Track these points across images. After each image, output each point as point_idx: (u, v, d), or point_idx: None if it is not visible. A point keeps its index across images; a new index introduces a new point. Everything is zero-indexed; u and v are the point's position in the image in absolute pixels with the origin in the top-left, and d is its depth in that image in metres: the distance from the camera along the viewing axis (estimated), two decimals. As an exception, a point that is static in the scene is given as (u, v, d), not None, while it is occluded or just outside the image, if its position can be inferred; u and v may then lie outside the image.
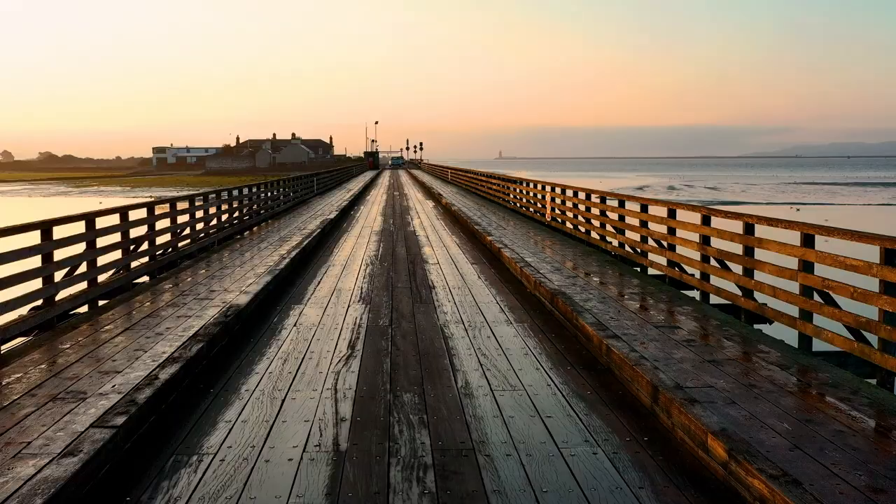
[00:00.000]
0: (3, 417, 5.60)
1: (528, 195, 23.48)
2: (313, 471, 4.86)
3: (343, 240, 18.56)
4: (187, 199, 15.05)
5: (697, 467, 4.98)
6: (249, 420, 5.82)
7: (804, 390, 6.18)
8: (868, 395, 6.09)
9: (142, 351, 7.45)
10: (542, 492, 4.56)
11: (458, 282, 12.17)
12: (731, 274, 9.41)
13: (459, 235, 19.25)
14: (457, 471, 4.86)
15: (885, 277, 6.48)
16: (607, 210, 14.95)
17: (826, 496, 4.15)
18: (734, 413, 5.54)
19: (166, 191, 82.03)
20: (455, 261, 14.61)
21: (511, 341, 8.28)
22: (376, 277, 12.63)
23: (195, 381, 6.84)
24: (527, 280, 11.70)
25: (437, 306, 10.21)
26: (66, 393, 6.19)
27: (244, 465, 4.96)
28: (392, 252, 15.91)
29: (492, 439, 5.40)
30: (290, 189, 29.05)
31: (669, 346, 7.44)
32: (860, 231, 7.11)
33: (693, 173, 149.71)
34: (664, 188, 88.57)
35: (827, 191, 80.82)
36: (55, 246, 8.93)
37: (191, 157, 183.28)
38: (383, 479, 4.75)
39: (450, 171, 57.07)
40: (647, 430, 5.64)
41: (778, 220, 8.64)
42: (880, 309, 6.53)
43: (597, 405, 6.19)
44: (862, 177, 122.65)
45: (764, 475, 4.30)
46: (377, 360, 7.52)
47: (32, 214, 46.94)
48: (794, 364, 6.98)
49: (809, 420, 5.47)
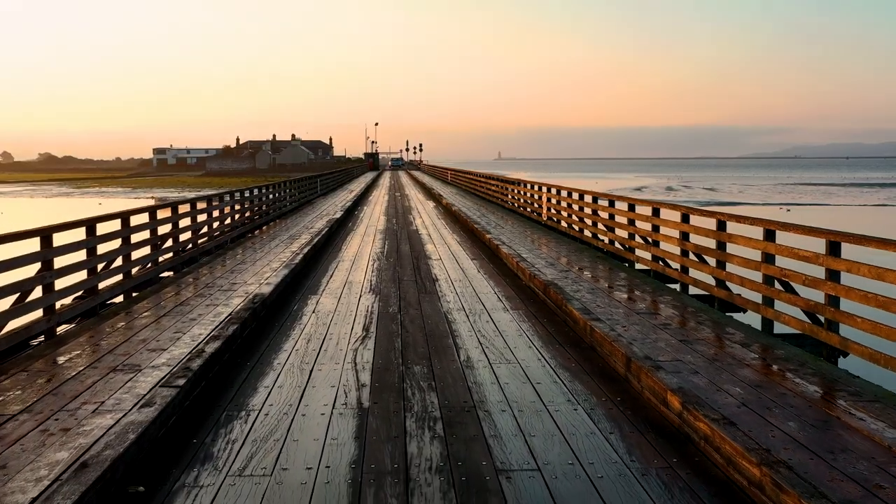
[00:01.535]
0: (75, 385, 6.61)
1: (526, 196, 24.51)
2: (343, 421, 5.90)
3: (350, 238, 19.59)
4: (205, 200, 16.08)
5: (658, 418, 6.01)
6: (284, 385, 6.86)
7: (759, 364, 7.19)
8: (813, 367, 7.10)
9: (181, 333, 8.46)
10: (531, 436, 5.59)
11: (459, 275, 13.20)
12: (706, 266, 10.43)
13: (460, 234, 20.28)
14: (460, 422, 5.89)
15: (829, 266, 7.51)
16: (598, 209, 15.97)
17: (756, 435, 5.18)
18: (696, 380, 6.55)
19: (168, 192, 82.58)
20: (456, 257, 15.64)
21: (507, 325, 9.33)
22: (384, 271, 13.66)
23: (233, 357, 7.88)
24: (522, 273, 12.74)
25: (440, 296, 11.24)
26: (123, 366, 7.20)
27: (285, 417, 6.00)
28: (397, 249, 16.94)
29: (489, 399, 6.43)
30: (296, 190, 30.09)
31: (647, 329, 8.46)
32: (811, 226, 8.15)
33: (692, 174, 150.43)
34: (662, 189, 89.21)
35: (823, 191, 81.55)
36: (99, 241, 9.98)
37: (191, 158, 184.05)
38: (400, 426, 5.79)
39: (449, 173, 58.16)
40: (621, 392, 6.68)
41: (745, 217, 9.67)
42: (826, 293, 7.57)
43: (579, 374, 7.24)
44: (860, 177, 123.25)
45: (707, 419, 5.33)
46: (389, 340, 8.55)
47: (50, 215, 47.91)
48: (754, 343, 8.00)
49: (759, 385, 6.49)
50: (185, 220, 14.28)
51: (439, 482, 4.83)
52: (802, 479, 4.44)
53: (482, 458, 5.19)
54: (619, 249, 14.31)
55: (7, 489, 4.48)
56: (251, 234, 19.72)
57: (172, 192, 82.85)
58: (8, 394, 6.33)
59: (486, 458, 5.19)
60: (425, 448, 5.37)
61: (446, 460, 5.14)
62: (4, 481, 4.60)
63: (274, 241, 17.46)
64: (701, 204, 60.14)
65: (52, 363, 7.30)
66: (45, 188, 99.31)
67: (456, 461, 5.13)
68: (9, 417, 5.74)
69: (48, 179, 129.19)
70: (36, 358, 7.51)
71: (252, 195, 21.28)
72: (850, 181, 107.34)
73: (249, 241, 18.03)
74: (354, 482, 4.83)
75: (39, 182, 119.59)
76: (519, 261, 13.38)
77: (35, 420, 5.70)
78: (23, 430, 5.48)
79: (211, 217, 16.22)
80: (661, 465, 5.10)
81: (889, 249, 6.80)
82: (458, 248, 17.26)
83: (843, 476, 4.62)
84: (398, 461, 5.14)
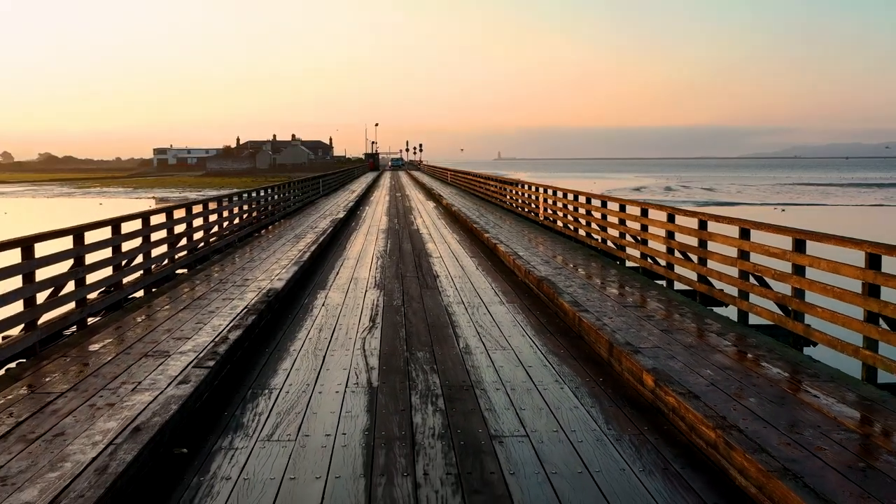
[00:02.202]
0: (112, 368, 7.35)
1: (523, 196, 25.26)
2: (355, 398, 6.65)
3: (353, 237, 20.34)
4: (216, 200, 16.82)
5: (635, 395, 6.76)
6: (301, 369, 7.61)
7: (731, 350, 7.92)
8: (780, 354, 7.83)
9: (202, 324, 9.20)
10: (521, 409, 6.35)
11: (458, 272, 13.95)
12: (689, 263, 11.18)
13: (459, 233, 21.04)
14: (460, 398, 6.65)
15: (795, 261, 8.26)
16: (592, 210, 16.72)
17: (718, 408, 5.92)
18: (671, 363, 7.29)
19: (169, 192, 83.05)
20: (456, 255, 16.40)
21: (503, 316, 10.08)
22: (387, 268, 14.41)
23: (253, 344, 8.63)
24: (518, 270, 13.49)
25: (441, 291, 11.99)
26: (153, 352, 7.94)
27: (304, 395, 6.75)
28: (399, 247, 17.70)
29: (485, 380, 7.19)
30: (299, 191, 30.84)
31: (631, 320, 9.21)
32: (780, 225, 8.90)
33: (691, 174, 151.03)
34: (661, 189, 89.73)
35: (821, 192, 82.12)
36: (123, 239, 10.72)
37: (191, 159, 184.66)
38: (406, 402, 6.55)
39: (449, 173, 58.94)
40: (603, 374, 7.44)
41: (723, 216, 10.42)
42: (792, 286, 8.31)
43: (567, 359, 8.00)
44: (858, 177, 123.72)
45: (675, 393, 6.08)
46: (394, 330, 9.30)
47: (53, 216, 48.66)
48: (730, 333, 8.74)
49: (728, 368, 7.22)
50: (197, 220, 15.02)
51: (441, 445, 5.58)
52: (750, 439, 5.19)
53: (478, 427, 5.94)
54: (611, 248, 15.04)
55: (69, 451, 5.23)
56: (258, 233, 20.46)
57: (174, 192, 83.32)
58: (53, 375, 7.07)
59: (482, 427, 5.94)
60: (428, 419, 6.12)
61: (447, 429, 5.90)
62: (65, 444, 5.34)
63: (280, 240, 18.20)
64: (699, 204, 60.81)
65: (88, 350, 8.04)
66: (47, 188, 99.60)
67: (455, 429, 5.89)
68: (58, 395, 6.49)
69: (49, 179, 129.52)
70: (73, 346, 8.26)
71: (259, 196, 22.04)
72: (849, 181, 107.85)
73: (256, 240, 18.77)
74: (368, 445, 5.59)
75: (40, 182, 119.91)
76: (515, 258, 14.13)
77: (82, 397, 6.44)
78: (72, 405, 6.22)
79: (221, 217, 16.97)
80: (634, 432, 5.86)
81: (845, 246, 7.55)
82: (458, 246, 18.01)
83: (790, 440, 5.36)
84: (405, 429, 5.90)
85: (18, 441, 5.42)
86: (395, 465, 5.24)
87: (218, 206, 16.75)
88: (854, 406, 6.16)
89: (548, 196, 21.22)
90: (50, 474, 4.82)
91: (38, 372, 7.23)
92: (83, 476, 4.72)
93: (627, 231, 14.00)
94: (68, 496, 4.44)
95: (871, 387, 6.79)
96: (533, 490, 4.83)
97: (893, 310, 6.65)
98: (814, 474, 4.72)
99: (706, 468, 5.27)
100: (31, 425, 5.73)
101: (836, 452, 5.12)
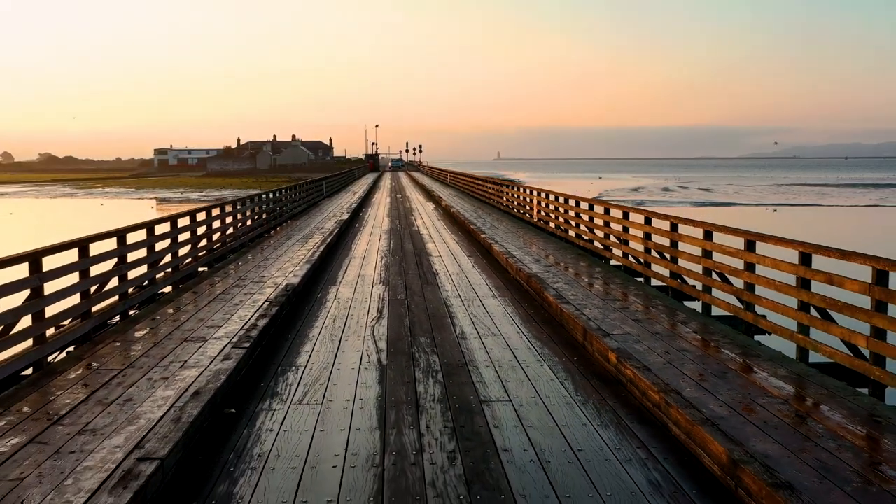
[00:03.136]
0: (159, 350, 8.63)
1: (519, 198, 26.58)
2: (368, 372, 7.97)
3: (358, 237, 21.65)
4: (232, 203, 18.12)
5: (602, 371, 8.07)
6: (321, 351, 8.92)
7: (691, 336, 9.20)
8: (732, 339, 9.10)
9: (229, 314, 10.48)
10: (507, 381, 7.66)
11: (456, 270, 15.26)
12: (663, 262, 12.46)
13: (458, 234, 22.34)
14: (455, 373, 7.95)
15: (747, 259, 9.54)
16: (581, 212, 18.02)
17: (668, 378, 7.20)
18: (636, 346, 8.57)
19: (170, 192, 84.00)
20: (454, 254, 17.70)
21: (495, 308, 11.39)
22: (391, 266, 15.71)
23: (277, 332, 9.93)
24: (510, 268, 14.79)
25: (440, 287, 13.29)
26: (191, 337, 9.22)
27: (325, 371, 8.05)
28: (401, 247, 19.00)
29: (477, 359, 8.49)
30: (305, 193, 32.15)
31: (607, 311, 10.49)
32: (735, 227, 10.20)
33: (690, 174, 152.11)
34: (659, 189, 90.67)
35: (817, 192, 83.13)
36: (157, 240, 12.02)
37: (192, 159, 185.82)
38: (411, 375, 7.86)
39: (449, 175, 60.28)
40: (577, 355, 8.75)
41: (690, 219, 11.70)
42: (744, 281, 9.60)
43: (548, 343, 9.31)
44: (856, 178, 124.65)
45: (633, 367, 7.38)
46: (399, 320, 10.61)
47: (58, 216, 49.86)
48: (693, 322, 10.02)
49: (684, 350, 8.50)
50: (215, 222, 16.30)
51: (440, 408, 6.88)
52: (686, 400, 6.48)
53: (470, 394, 7.25)
54: (598, 248, 16.33)
55: (140, 411, 6.51)
56: (267, 234, 21.74)
57: (176, 192, 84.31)
58: (110, 357, 8.36)
59: (474, 394, 7.25)
60: (430, 388, 7.43)
61: (445, 396, 7.20)
62: (136, 407, 6.62)
63: (290, 240, 19.49)
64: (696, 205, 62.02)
65: (134, 336, 9.33)
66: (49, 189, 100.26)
67: (452, 396, 7.19)
68: (118, 371, 7.77)
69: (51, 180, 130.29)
70: (120, 332, 9.54)
71: (273, 197, 23.36)
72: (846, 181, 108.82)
73: (267, 240, 20.06)
74: (381, 407, 6.90)
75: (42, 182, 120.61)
76: (508, 257, 15.43)
77: (139, 373, 7.72)
78: (133, 378, 7.50)
79: (236, 219, 18.26)
80: (597, 398, 7.16)
81: (784, 245, 8.83)
82: (456, 246, 19.31)
83: (722, 403, 6.64)
84: (411, 396, 7.20)
85: (97, 405, 6.71)
86: (403, 421, 6.55)
87: (233, 208, 18.05)
88: (783, 379, 7.43)
89: (541, 199, 22.51)
90: (130, 427, 6.11)
91: (95, 354, 8.51)
92: (161, 424, 6.02)
93: (612, 232, 15.29)
94: (153, 437, 5.74)
95: (802, 364, 8.07)
96: (512, 438, 6.13)
97: (819, 300, 7.93)
98: (733, 426, 6.01)
99: (651, 423, 6.57)
100: (104, 393, 7.02)
101: (758, 412, 6.40)
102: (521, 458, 5.72)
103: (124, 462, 5.35)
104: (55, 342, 8.41)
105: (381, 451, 5.88)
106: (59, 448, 5.68)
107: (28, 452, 5.60)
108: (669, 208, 56.27)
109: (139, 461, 5.30)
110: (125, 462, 5.34)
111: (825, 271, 7.91)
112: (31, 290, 7.92)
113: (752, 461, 5.20)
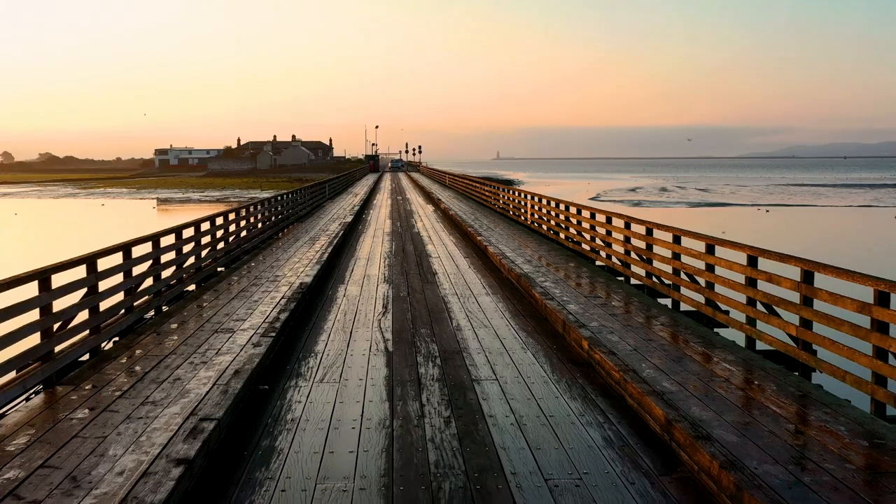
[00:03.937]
0: (194, 340, 9.97)
1: (514, 202, 27.93)
2: (377, 358, 9.33)
3: (362, 239, 23.01)
4: (244, 208, 19.48)
5: (577, 356, 9.43)
6: (335, 340, 10.28)
7: (659, 328, 10.53)
8: (694, 331, 10.41)
9: (251, 310, 11.82)
10: (495, 365, 9.02)
11: (453, 270, 16.62)
12: (641, 263, 13.81)
13: (455, 236, 23.70)
14: (451, 358, 9.31)
15: (707, 261, 10.88)
16: (570, 216, 19.36)
17: (630, 362, 8.54)
18: (610, 336, 9.91)
19: (171, 193, 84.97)
20: (452, 255, 19.06)
21: (488, 304, 12.75)
22: (394, 267, 17.08)
23: (295, 324, 11.29)
24: (502, 268, 16.15)
25: (438, 285, 14.64)
26: (221, 329, 10.56)
27: (339, 357, 9.41)
28: (403, 249, 20.36)
29: (471, 347, 9.85)
30: (309, 195, 33.51)
31: (588, 306, 11.84)
32: (694, 231, 11.56)
33: (688, 174, 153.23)
34: (656, 189, 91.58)
35: (813, 192, 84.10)
36: (184, 243, 13.37)
37: (193, 159, 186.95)
38: (413, 360, 9.21)
39: (448, 176, 61.66)
40: (557, 343, 10.11)
41: (663, 225, 13.05)
42: (705, 280, 10.94)
43: (533, 333, 10.67)
44: (853, 178, 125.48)
45: (601, 352, 8.74)
46: (403, 314, 11.96)
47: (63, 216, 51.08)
48: (663, 316, 11.36)
49: (650, 339, 9.83)
50: (231, 225, 17.64)
51: (438, 385, 8.24)
52: (642, 378, 7.83)
53: (464, 375, 8.61)
54: (585, 250, 17.67)
55: (188, 387, 7.84)
56: (276, 236, 23.07)
57: (177, 193, 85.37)
58: (154, 345, 9.69)
59: (466, 375, 8.60)
60: (429, 370, 8.79)
61: (442, 376, 8.56)
62: (184, 384, 7.96)
63: (298, 242, 20.83)
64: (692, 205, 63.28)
65: (170, 328, 10.67)
66: (51, 189, 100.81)
67: (448, 376, 8.55)
68: (163, 357, 9.10)
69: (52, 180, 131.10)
70: (157, 325, 10.88)
71: (277, 201, 24.70)
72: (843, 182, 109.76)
73: (276, 242, 21.40)
74: (389, 385, 8.26)
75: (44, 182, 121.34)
76: (501, 258, 16.79)
77: (181, 358, 9.06)
78: (177, 363, 8.83)
79: (249, 222, 19.61)
80: (570, 378, 8.53)
81: (735, 249, 10.18)
82: (454, 248, 20.67)
83: (673, 381, 7.97)
84: (413, 376, 8.55)
85: (151, 383, 8.04)
86: (408, 395, 7.91)
87: (247, 212, 19.40)
88: (731, 363, 8.76)
89: (534, 203, 23.87)
90: (183, 399, 7.45)
91: (139, 343, 9.84)
92: (209, 396, 7.37)
93: (597, 235, 16.64)
94: (206, 405, 7.09)
95: (749, 352, 9.41)
96: (497, 407, 7.49)
97: (763, 296, 9.28)
98: (678, 398, 7.35)
99: (612, 396, 7.93)
100: (155, 374, 8.35)
101: (701, 389, 7.73)
102: (503, 421, 7.08)
103: (185, 423, 6.70)
104: (106, 333, 9.76)
105: (390, 417, 7.24)
106: (129, 415, 7.02)
107: (104, 418, 6.94)
108: (666, 209, 57.66)
109: (202, 420, 6.66)
110: (186, 423, 6.69)
111: (767, 271, 9.26)
112: (87, 287, 9.26)
113: (683, 420, 6.55)
